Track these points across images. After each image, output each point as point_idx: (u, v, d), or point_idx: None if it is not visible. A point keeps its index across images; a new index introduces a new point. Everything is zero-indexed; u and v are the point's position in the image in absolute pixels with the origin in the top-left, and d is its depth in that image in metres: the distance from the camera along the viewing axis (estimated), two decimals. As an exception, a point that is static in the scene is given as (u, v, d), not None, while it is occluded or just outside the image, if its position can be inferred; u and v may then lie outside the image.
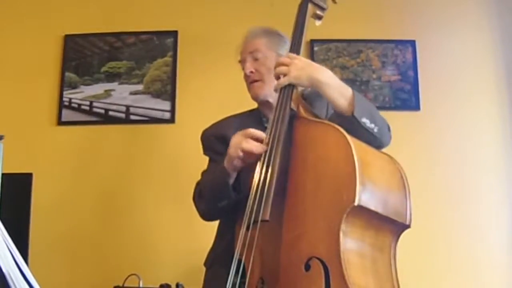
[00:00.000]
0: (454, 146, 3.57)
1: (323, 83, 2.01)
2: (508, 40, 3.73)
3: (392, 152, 1.98)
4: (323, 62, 3.65)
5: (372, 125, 2.00)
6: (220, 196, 2.13)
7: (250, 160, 1.98)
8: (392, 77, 3.66)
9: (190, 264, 2.58)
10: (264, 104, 2.39)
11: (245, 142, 1.97)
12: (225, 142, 2.22)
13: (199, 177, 2.36)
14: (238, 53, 2.45)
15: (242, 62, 2.40)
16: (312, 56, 3.65)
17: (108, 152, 3.67)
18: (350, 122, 1.95)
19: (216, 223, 2.41)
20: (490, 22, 3.77)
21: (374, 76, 3.67)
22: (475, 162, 3.56)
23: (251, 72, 2.35)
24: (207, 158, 2.45)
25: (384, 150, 2.03)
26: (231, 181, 2.08)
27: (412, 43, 3.73)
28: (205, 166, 2.42)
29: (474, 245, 3.44)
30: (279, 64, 2.06)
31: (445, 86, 3.67)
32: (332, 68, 3.61)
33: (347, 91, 2.01)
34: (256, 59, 2.35)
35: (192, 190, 2.34)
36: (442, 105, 3.63)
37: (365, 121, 1.98)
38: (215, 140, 2.41)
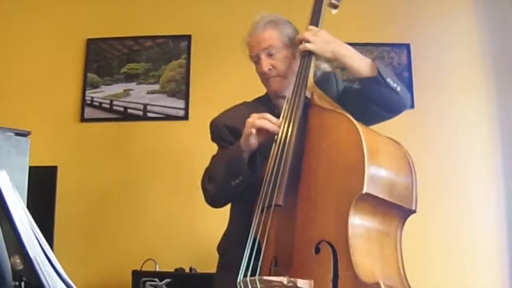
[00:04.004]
0: (446, 141, 3.56)
1: (346, 56, 2.05)
2: (496, 43, 3.71)
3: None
4: (324, 64, 3.63)
5: (395, 85, 2.02)
6: (235, 173, 2.03)
7: (263, 139, 1.94)
8: (388, 78, 3.64)
9: (202, 250, 2.57)
10: (279, 96, 2.25)
11: (259, 120, 1.93)
12: (236, 132, 2.17)
13: (211, 169, 2.32)
14: (246, 47, 2.29)
15: (255, 57, 2.24)
16: (314, 58, 3.63)
17: (127, 147, 3.67)
18: (376, 82, 1.99)
19: (227, 211, 2.37)
20: (479, 26, 3.74)
21: (372, 76, 3.64)
22: (465, 155, 3.55)
23: (269, 69, 2.18)
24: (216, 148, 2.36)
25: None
26: (246, 158, 1.99)
27: (407, 46, 3.71)
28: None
29: (466, 233, 3.43)
30: (307, 31, 2.06)
31: (437, 86, 3.65)
32: (333, 70, 3.60)
33: (367, 59, 2.05)
34: (270, 55, 2.19)
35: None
36: (434, 103, 3.62)
37: (389, 80, 2.00)
38: (226, 130, 2.29)
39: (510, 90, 3.63)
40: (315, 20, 2.14)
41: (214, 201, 2.21)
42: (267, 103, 2.30)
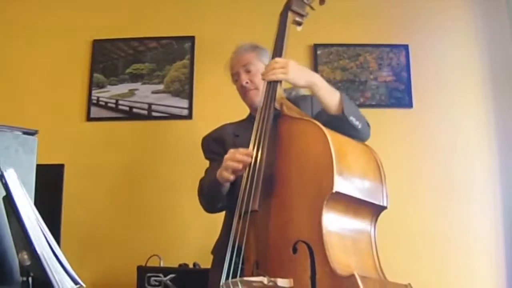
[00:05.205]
0: (443, 140, 3.55)
1: (317, 85, 2.08)
2: (492, 44, 3.71)
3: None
4: (325, 64, 3.64)
5: (357, 122, 2.07)
6: (216, 200, 2.25)
7: (238, 174, 2.00)
8: (387, 78, 3.64)
9: (206, 246, 2.56)
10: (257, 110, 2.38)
11: (233, 162, 1.98)
12: (222, 143, 2.39)
13: (212, 167, 2.36)
14: (228, 68, 2.52)
15: (236, 75, 2.46)
16: (315, 59, 3.64)
17: (132, 145, 3.67)
18: (339, 119, 2.03)
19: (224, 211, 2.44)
20: (476, 27, 3.74)
21: (371, 77, 3.64)
22: (462, 154, 3.54)
23: (247, 82, 2.41)
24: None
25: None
26: (225, 189, 2.14)
27: (406, 47, 3.70)
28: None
29: (462, 229, 3.42)
30: (275, 63, 2.09)
31: (435, 86, 3.65)
32: (333, 70, 3.61)
33: (336, 93, 2.09)
34: (248, 71, 2.42)
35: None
36: (432, 103, 3.62)
37: (352, 118, 2.04)
38: (213, 142, 2.48)
39: (507, 90, 3.63)
40: (278, 49, 2.19)
41: (208, 211, 2.41)
42: (249, 120, 2.44)
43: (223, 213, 2.43)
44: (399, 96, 3.61)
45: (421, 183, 3.45)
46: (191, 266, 3.05)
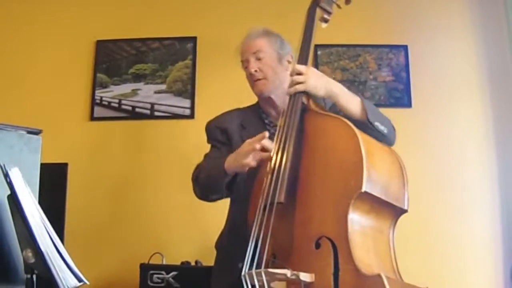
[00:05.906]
0: (442, 139, 3.55)
1: (338, 94, 2.04)
2: (489, 44, 3.71)
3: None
4: (326, 64, 3.64)
5: (383, 127, 2.04)
6: (213, 191, 2.20)
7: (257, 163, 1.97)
8: (387, 78, 3.64)
9: (208, 243, 2.57)
10: (266, 100, 2.36)
11: (256, 153, 1.94)
12: (226, 133, 2.35)
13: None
14: (239, 54, 2.41)
15: (245, 62, 2.35)
16: (316, 59, 3.64)
17: (134, 145, 3.67)
18: (364, 126, 1.97)
19: (226, 209, 2.42)
20: (474, 28, 3.74)
21: (371, 77, 3.65)
22: (460, 153, 3.54)
23: (256, 71, 2.30)
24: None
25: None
26: (227, 180, 2.09)
27: (405, 47, 3.70)
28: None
29: (460, 227, 3.42)
30: (295, 72, 2.03)
31: (434, 86, 3.65)
32: (333, 70, 3.61)
33: (356, 99, 2.05)
34: (259, 59, 2.30)
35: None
36: (431, 102, 3.62)
37: (377, 124, 2.02)
38: (218, 130, 2.42)
39: (505, 89, 3.63)
40: (304, 57, 2.12)
41: (201, 199, 2.34)
42: (257, 111, 2.42)
43: (227, 208, 2.42)
44: (398, 96, 3.61)
45: (420, 183, 3.44)
46: (193, 263, 3.06)
